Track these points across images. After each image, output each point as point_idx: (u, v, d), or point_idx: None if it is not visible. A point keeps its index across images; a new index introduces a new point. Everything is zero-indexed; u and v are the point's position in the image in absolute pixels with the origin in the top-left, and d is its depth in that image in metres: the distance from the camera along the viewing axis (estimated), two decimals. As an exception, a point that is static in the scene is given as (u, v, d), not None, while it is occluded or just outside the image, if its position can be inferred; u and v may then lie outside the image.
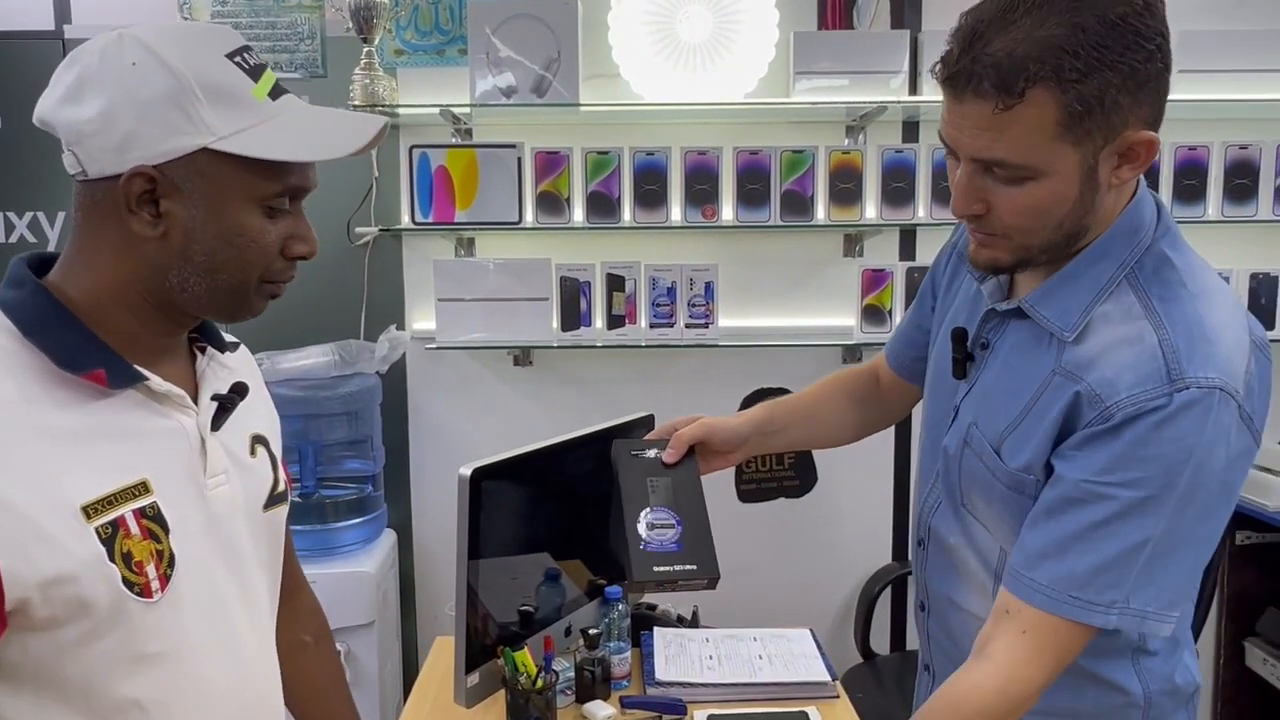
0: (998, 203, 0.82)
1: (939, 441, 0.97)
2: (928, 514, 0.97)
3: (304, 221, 0.78)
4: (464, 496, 1.32)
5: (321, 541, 2.04)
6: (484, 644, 1.41)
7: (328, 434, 2.06)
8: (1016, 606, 0.83)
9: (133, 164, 0.69)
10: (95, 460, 0.71)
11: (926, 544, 0.98)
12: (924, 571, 0.99)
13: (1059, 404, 0.83)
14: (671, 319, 2.17)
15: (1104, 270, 0.85)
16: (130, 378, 0.73)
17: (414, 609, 2.38)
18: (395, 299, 2.27)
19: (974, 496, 0.90)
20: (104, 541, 0.69)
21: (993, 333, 0.93)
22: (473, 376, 2.30)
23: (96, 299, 0.74)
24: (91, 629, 0.70)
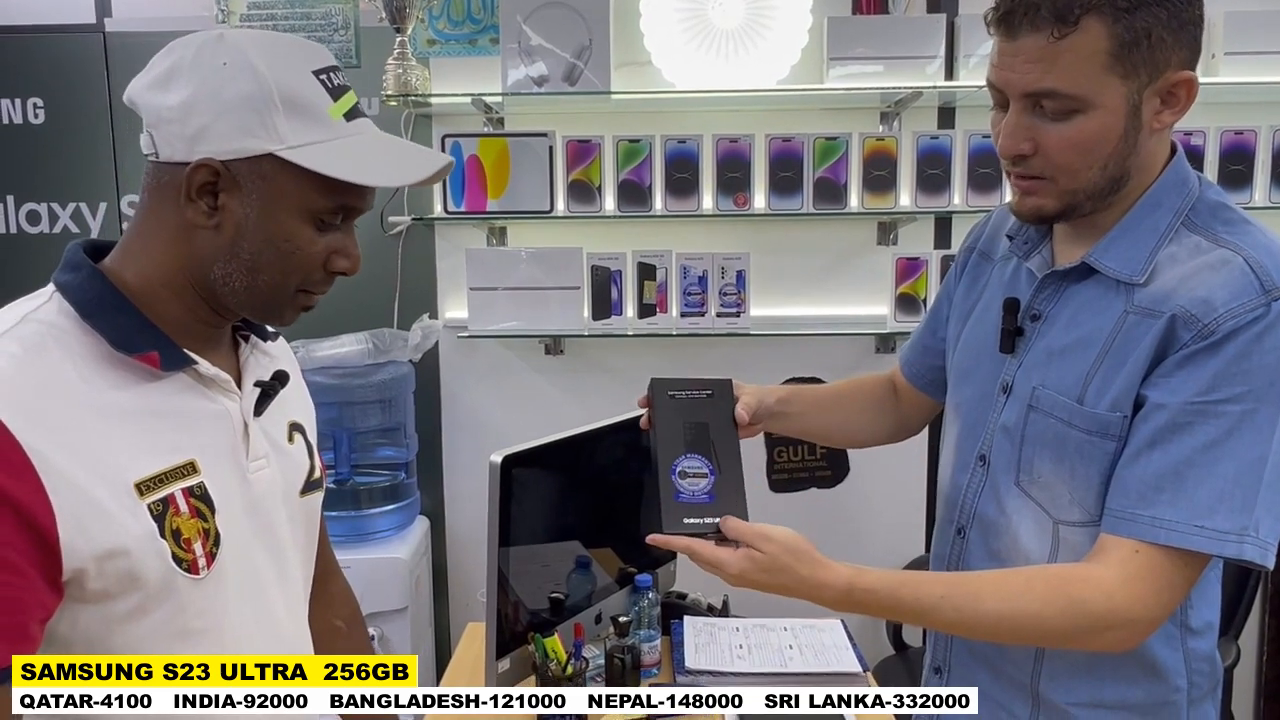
0: (1046, 141, 0.85)
1: (981, 425, 0.96)
2: (971, 499, 0.97)
3: (352, 239, 0.80)
4: (495, 483, 1.34)
5: (355, 528, 2.07)
6: (515, 630, 1.44)
7: (361, 421, 2.09)
8: (1129, 547, 0.81)
9: (201, 155, 0.72)
10: (147, 439, 0.73)
11: (967, 531, 0.98)
12: (962, 562, 0.98)
13: (1148, 335, 0.83)
14: (703, 308, 2.16)
15: (1161, 218, 0.88)
16: (181, 361, 0.76)
17: (446, 595, 2.42)
18: (428, 288, 2.30)
19: (1040, 462, 0.89)
20: (155, 518, 0.72)
21: (1046, 303, 0.94)
22: (504, 365, 2.32)
23: (149, 284, 0.76)
24: (140, 604, 0.72)
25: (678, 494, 0.91)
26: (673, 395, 0.98)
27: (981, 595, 0.84)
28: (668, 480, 0.92)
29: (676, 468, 0.93)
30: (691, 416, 0.97)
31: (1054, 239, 0.96)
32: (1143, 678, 0.89)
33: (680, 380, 1.01)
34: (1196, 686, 0.90)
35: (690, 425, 0.96)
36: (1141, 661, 0.88)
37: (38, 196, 2.26)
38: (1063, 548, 0.89)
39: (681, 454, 0.94)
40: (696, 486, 0.92)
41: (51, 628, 0.70)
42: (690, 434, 0.95)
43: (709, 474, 0.93)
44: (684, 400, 0.98)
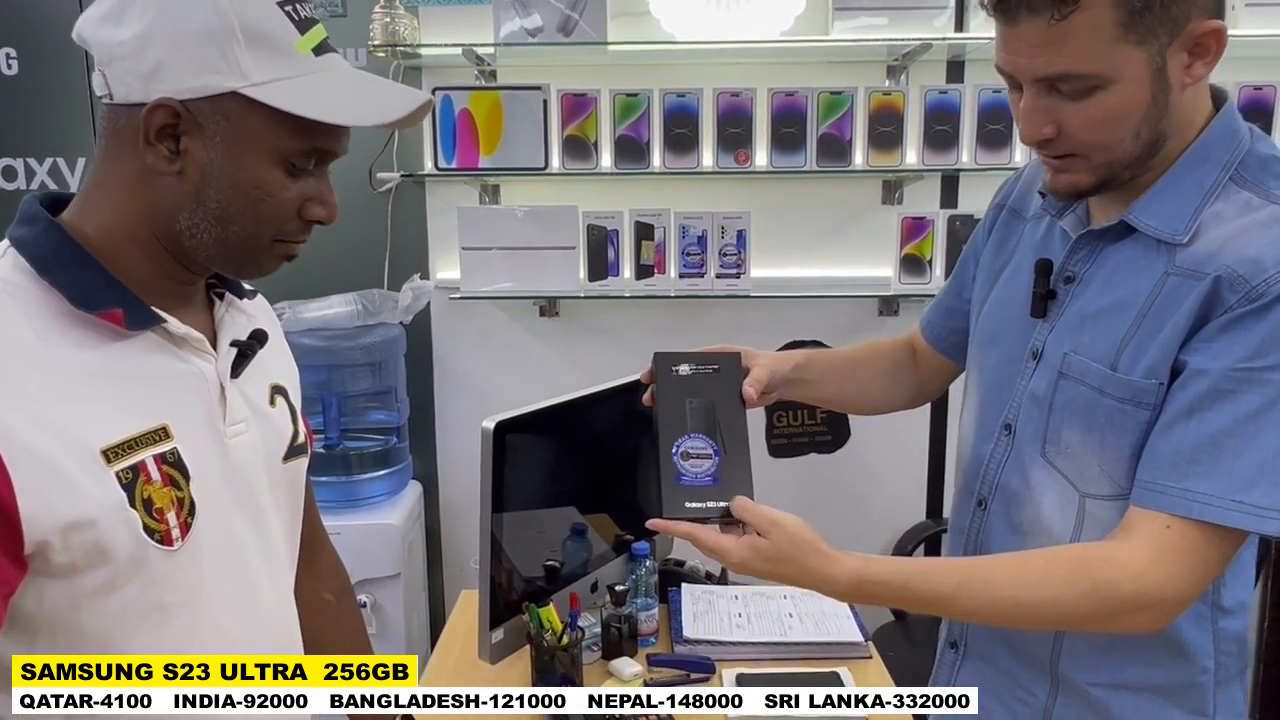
0: (1069, 121, 0.80)
1: (1007, 392, 0.92)
2: (994, 469, 0.93)
3: (327, 185, 0.75)
4: (487, 450, 1.30)
5: (346, 493, 2.04)
6: (508, 599, 1.41)
7: (351, 385, 2.05)
8: (1159, 522, 0.77)
9: (159, 95, 0.67)
10: (114, 403, 0.69)
11: (989, 503, 0.94)
12: (982, 534, 0.95)
13: (1189, 298, 0.79)
14: (702, 269, 2.11)
15: (1207, 173, 0.82)
16: (147, 319, 0.71)
17: (440, 560, 2.40)
18: (419, 247, 2.24)
19: (1068, 431, 0.85)
20: (124, 486, 0.68)
21: (1080, 264, 0.89)
22: (498, 327, 2.28)
23: (111, 237, 0.72)
24: (110, 578, 0.68)
25: (679, 476, 0.86)
26: (677, 370, 0.93)
27: (998, 582, 0.80)
28: (669, 461, 0.87)
29: (679, 448, 0.89)
30: (696, 393, 0.92)
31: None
32: (1168, 658, 0.85)
33: (686, 354, 0.95)
34: (1224, 668, 0.87)
35: (695, 402, 0.91)
36: (1167, 641, 0.84)
37: (13, 151, 2.19)
38: (1088, 522, 0.86)
39: (684, 433, 0.89)
40: (700, 468, 0.88)
41: (17, 603, 0.67)
42: (695, 412, 0.91)
43: (713, 455, 0.89)
44: (689, 376, 0.93)
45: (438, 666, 1.55)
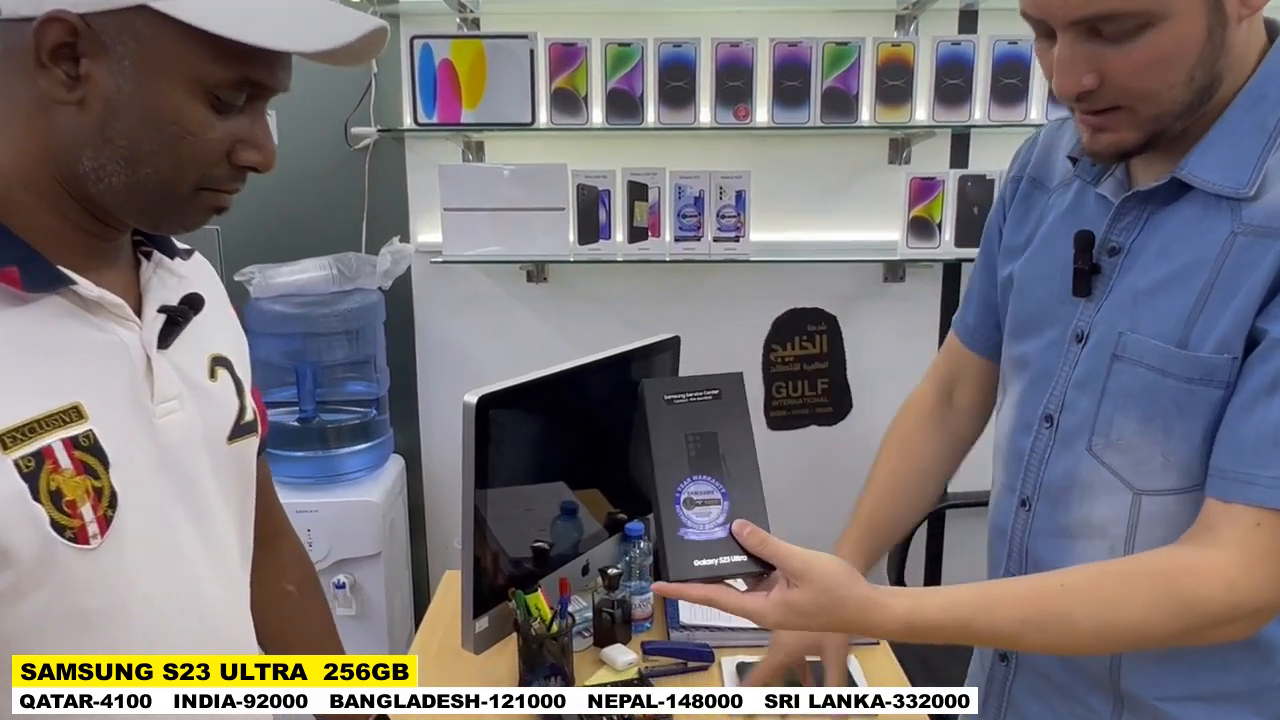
0: (1113, 69, 0.70)
1: (1047, 381, 0.83)
2: (1036, 465, 0.84)
3: (262, 124, 0.65)
4: (469, 427, 1.20)
5: (323, 469, 1.95)
6: (494, 585, 1.32)
7: (327, 354, 1.95)
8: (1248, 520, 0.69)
9: (52, 6, 0.57)
10: (12, 380, 0.59)
11: (1033, 503, 0.85)
12: (1028, 538, 0.86)
13: (1266, 259, 0.69)
14: (699, 232, 2.02)
15: (1268, 114, 0.73)
16: (51, 279, 0.61)
17: (424, 538, 2.32)
18: (398, 208, 2.14)
19: (1123, 420, 0.77)
20: (25, 476, 0.58)
21: (1126, 233, 0.79)
22: (483, 293, 2.18)
23: (5, 183, 0.62)
24: (14, 582, 0.59)
25: (683, 529, 0.75)
26: (670, 400, 0.80)
27: (1071, 612, 0.71)
28: (670, 513, 0.75)
29: (680, 495, 0.77)
30: (695, 426, 0.80)
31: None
32: (1245, 662, 0.77)
33: (678, 381, 0.82)
34: None
35: (694, 438, 0.79)
36: (1245, 643, 0.76)
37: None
38: (1145, 523, 0.77)
39: (685, 477, 0.77)
40: (706, 518, 0.76)
41: None
42: (695, 449, 0.79)
43: (721, 499, 0.77)
44: (684, 406, 0.80)
45: (422, 648, 1.47)
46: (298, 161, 2.08)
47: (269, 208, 2.09)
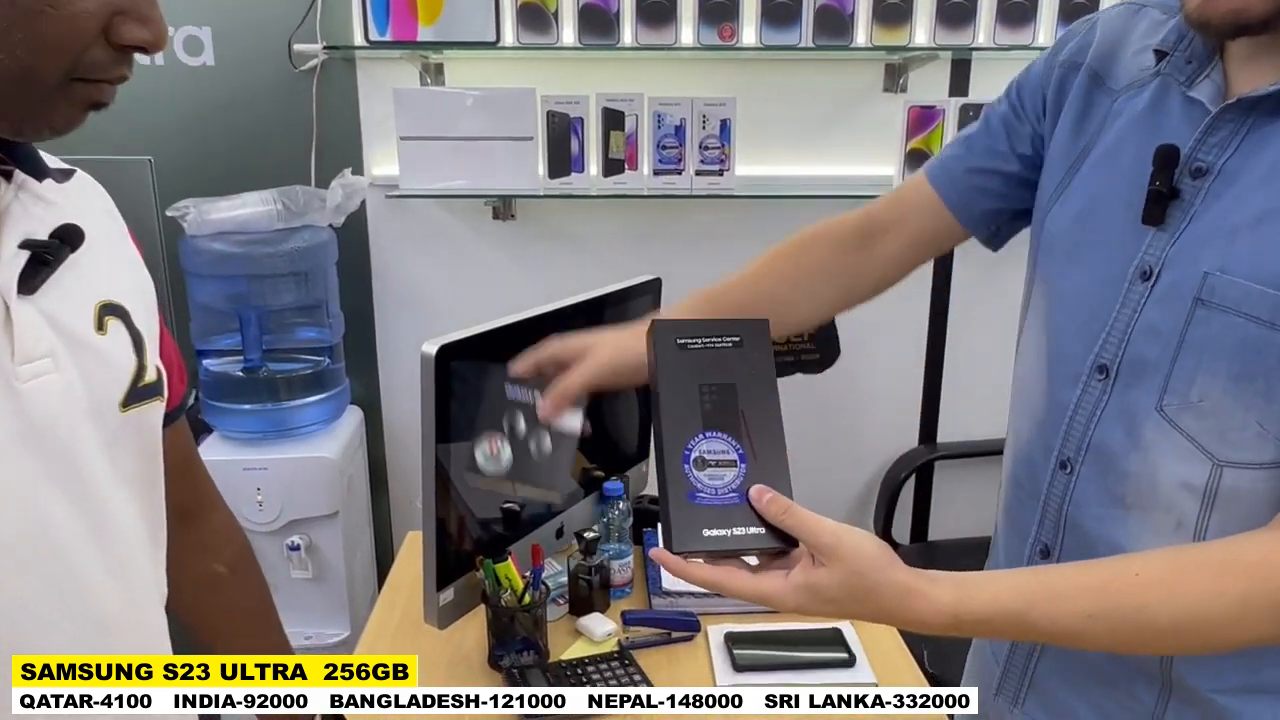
0: None
1: (1098, 323, 0.72)
2: (1083, 423, 0.74)
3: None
4: (429, 380, 1.09)
5: (273, 422, 1.83)
6: (459, 551, 1.22)
7: (273, 298, 1.81)
8: None
9: None
10: None
11: (1076, 465, 0.75)
12: (1069, 505, 0.76)
13: None
14: (680, 164, 1.90)
15: None
16: None
17: (386, 495, 2.22)
18: (350, 137, 1.98)
19: (1208, 379, 0.67)
20: None
21: (1215, 152, 0.68)
22: (444, 231, 2.05)
23: None
24: None
25: (692, 493, 0.64)
26: (684, 345, 0.69)
27: (1149, 606, 0.62)
28: (677, 473, 0.65)
29: (690, 454, 0.66)
30: (712, 376, 0.68)
31: (1226, 58, 0.69)
32: None
33: (695, 324, 0.70)
34: None
35: (710, 389, 0.68)
36: None
37: None
38: (1223, 498, 0.67)
39: (697, 433, 0.67)
40: (719, 481, 0.65)
41: None
42: (710, 402, 0.68)
43: (737, 461, 0.66)
44: (700, 352, 0.69)
45: (384, 613, 1.37)
46: (236, 83, 1.91)
47: (205, 135, 1.93)
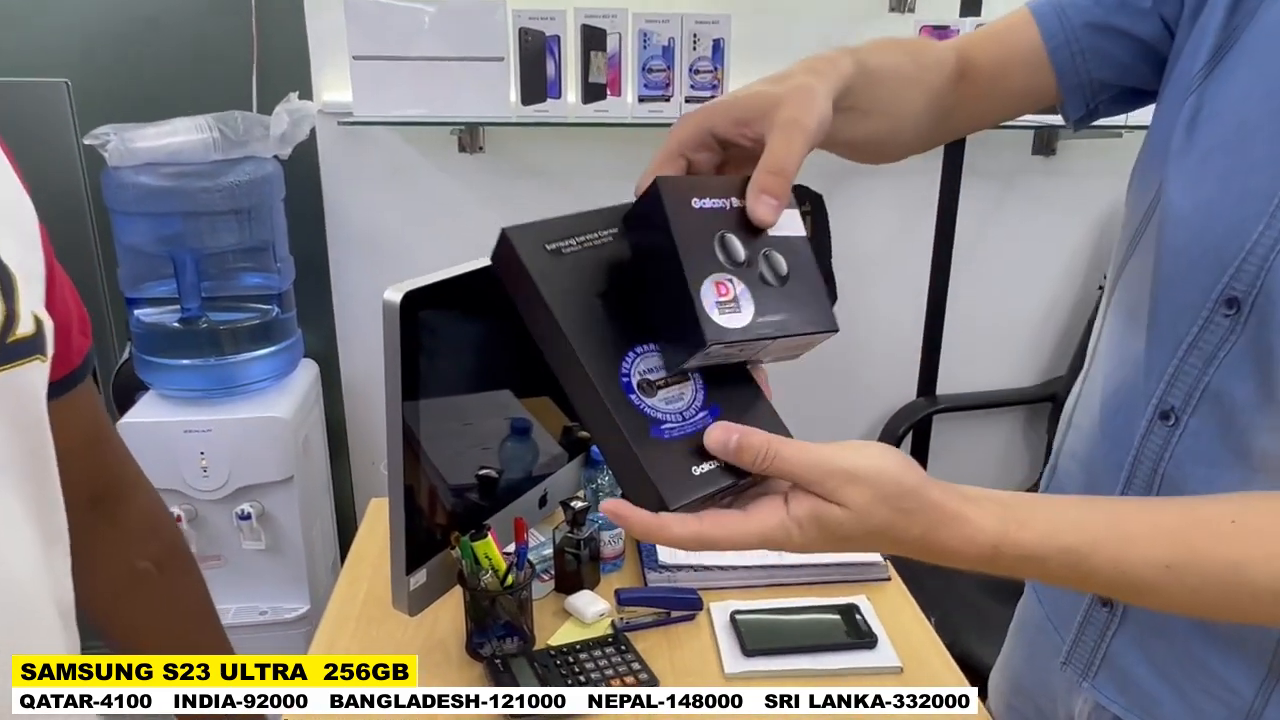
0: None
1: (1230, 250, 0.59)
2: (1196, 369, 0.62)
3: None
4: (392, 331, 0.94)
5: (217, 379, 1.68)
6: (431, 525, 1.09)
7: (211, 239, 1.64)
8: None
9: None
10: None
11: (1184, 416, 0.63)
12: (1166, 461, 0.64)
13: None
14: (667, 90, 1.75)
15: None
16: None
17: (346, 456, 2.08)
18: (296, 56, 1.80)
19: None
20: None
21: None
22: (405, 164, 1.88)
23: None
24: None
25: (657, 427, 0.50)
26: (556, 250, 0.53)
27: (1247, 562, 0.50)
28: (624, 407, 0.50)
29: (628, 379, 0.51)
30: (603, 281, 0.53)
31: None
32: None
33: (551, 224, 0.54)
34: None
35: (612, 297, 0.53)
36: None
37: None
38: None
39: (625, 352, 0.52)
40: (681, 402, 0.51)
41: None
42: (621, 312, 0.53)
43: (687, 375, 0.53)
44: (578, 256, 0.54)
45: (348, 587, 1.25)
46: (164, -7, 1.71)
47: (130, 54, 1.73)
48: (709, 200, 0.52)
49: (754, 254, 0.52)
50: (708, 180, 0.56)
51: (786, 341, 0.51)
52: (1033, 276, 2.12)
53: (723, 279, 0.50)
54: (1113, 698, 0.73)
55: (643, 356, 0.52)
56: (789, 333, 0.51)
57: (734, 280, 0.51)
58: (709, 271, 0.50)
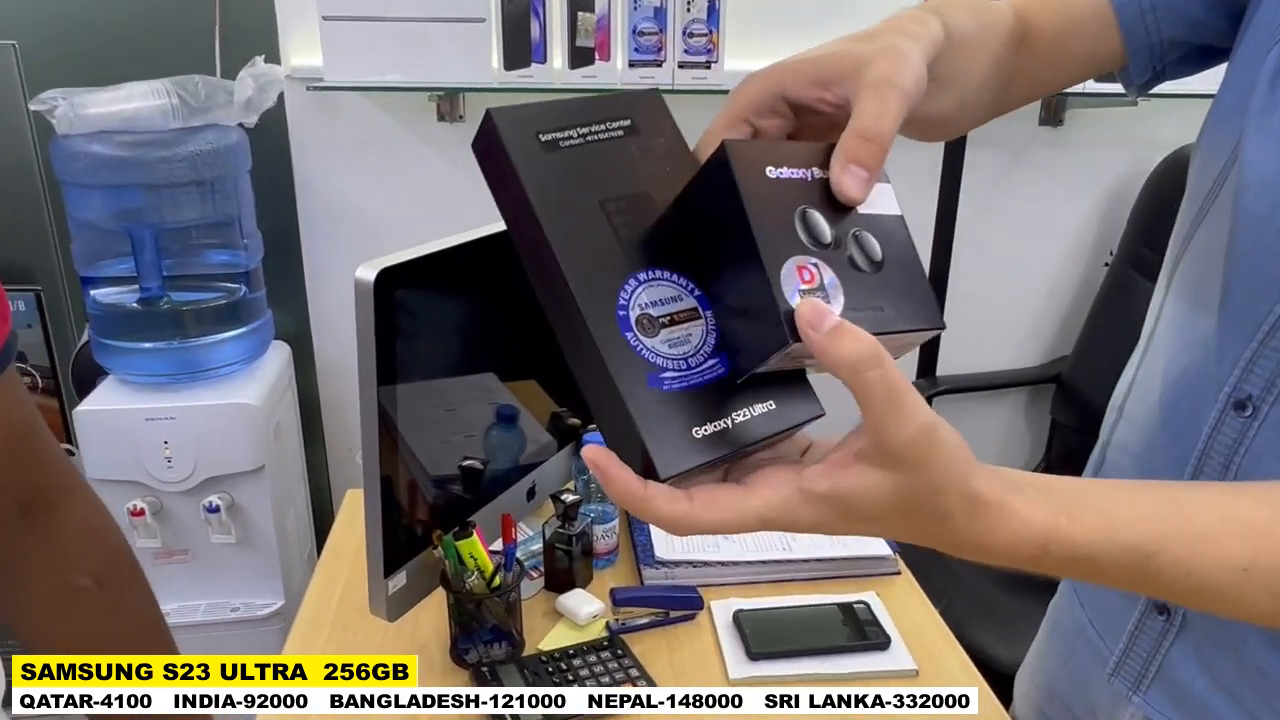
0: None
1: None
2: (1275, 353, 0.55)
3: None
4: (366, 311, 0.86)
5: (181, 363, 1.59)
6: (411, 522, 1.02)
7: (171, 213, 1.54)
8: None
9: None
10: None
11: (1262, 405, 0.57)
12: (1240, 453, 0.58)
13: None
14: (659, 54, 1.67)
15: None
16: None
17: (322, 443, 2.00)
18: (262, 16, 1.70)
19: None
20: None
21: None
22: (381, 133, 1.79)
23: None
24: None
25: (655, 376, 0.42)
26: (550, 141, 0.45)
27: None
28: (617, 348, 0.42)
29: (626, 313, 0.42)
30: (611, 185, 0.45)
31: None
32: None
33: (547, 108, 0.45)
34: None
35: (618, 206, 0.45)
36: None
37: None
38: None
39: (626, 276, 0.44)
40: (687, 345, 0.43)
41: None
42: (625, 225, 0.45)
43: (699, 308, 0.44)
44: (579, 151, 0.45)
45: (324, 583, 1.19)
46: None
47: (83, 13, 1.62)
48: (786, 170, 0.43)
49: (842, 234, 0.43)
50: (783, 146, 0.46)
51: (885, 340, 0.41)
52: (1037, 252, 2.06)
53: (806, 263, 0.41)
54: (1166, 713, 0.67)
55: (648, 285, 0.43)
56: (889, 329, 0.42)
57: (820, 265, 0.42)
58: (790, 253, 0.41)
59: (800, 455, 0.44)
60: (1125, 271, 1.90)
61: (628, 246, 0.44)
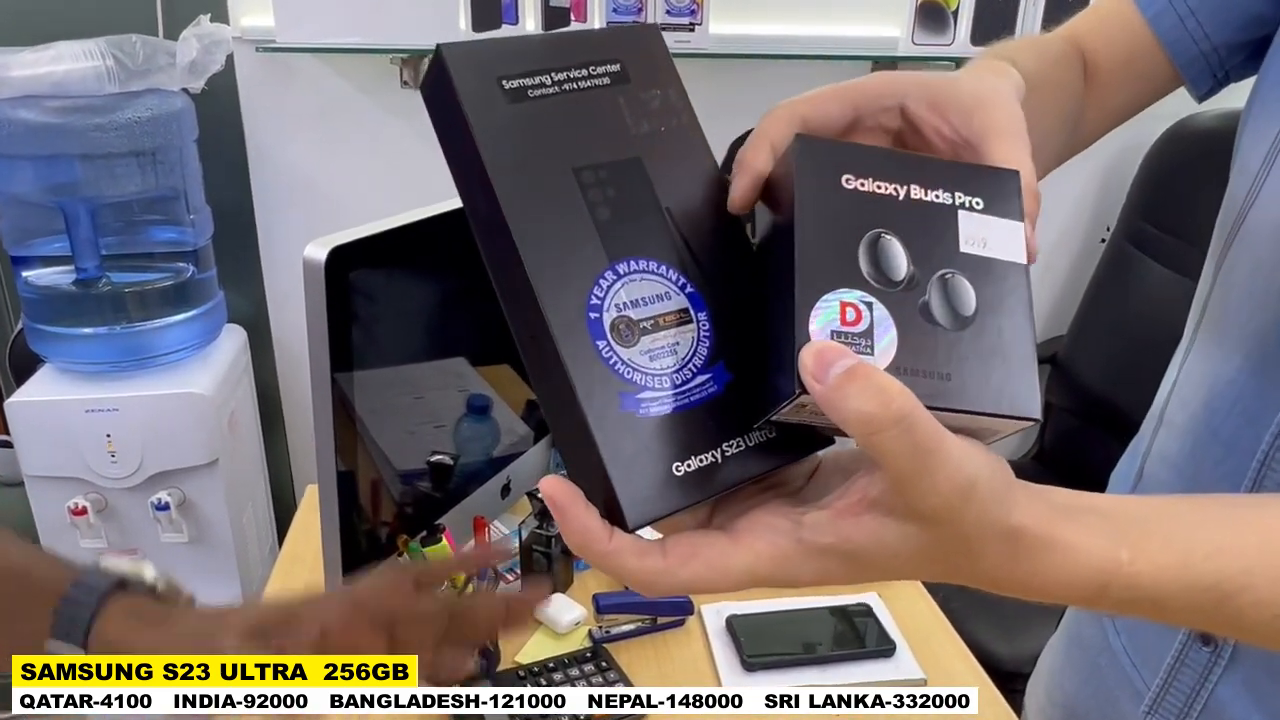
0: None
1: None
2: None
3: None
4: (316, 293, 0.80)
5: (125, 349, 1.52)
6: (374, 524, 0.96)
7: (110, 187, 1.46)
8: None
9: None
10: None
11: None
12: None
13: None
14: (639, 15, 1.61)
15: None
16: None
17: (282, 432, 1.93)
18: (207, -27, 1.63)
19: None
20: None
21: None
22: (338, 99, 1.72)
23: None
24: None
25: (628, 396, 0.34)
26: (519, 88, 0.36)
27: None
28: (585, 358, 0.34)
29: (600, 314, 0.35)
30: (588, 149, 0.37)
31: None
32: None
33: (871, 154, 0.37)
34: None
35: (594, 175, 0.37)
36: None
37: None
38: None
39: (602, 268, 0.36)
40: (672, 357, 0.35)
41: None
42: (603, 201, 0.37)
43: (690, 309, 0.36)
44: (547, 102, 0.37)
45: (282, 583, 1.15)
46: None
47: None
48: (870, 182, 0.35)
49: (924, 274, 0.34)
50: (873, 152, 0.38)
51: (946, 418, 0.32)
52: (1033, 227, 2.02)
53: (855, 300, 0.33)
54: None
55: (628, 280, 0.35)
56: (948, 405, 0.33)
57: (874, 305, 0.33)
58: (837, 284, 0.33)
59: (806, 481, 0.37)
60: (1124, 248, 1.85)
61: (606, 229, 0.36)
